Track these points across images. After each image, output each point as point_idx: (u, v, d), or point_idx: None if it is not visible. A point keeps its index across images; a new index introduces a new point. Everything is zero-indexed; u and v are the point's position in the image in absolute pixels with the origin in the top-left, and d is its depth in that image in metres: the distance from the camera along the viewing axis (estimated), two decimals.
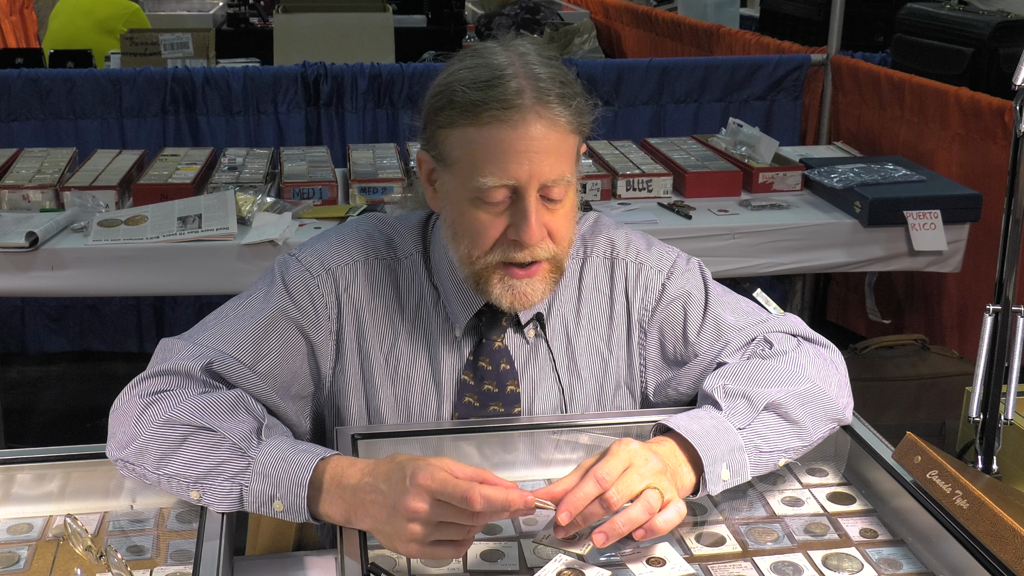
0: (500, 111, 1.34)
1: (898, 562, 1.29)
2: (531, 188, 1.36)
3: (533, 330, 1.55)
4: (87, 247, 2.74)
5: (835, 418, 1.45)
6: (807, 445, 1.42)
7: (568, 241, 1.45)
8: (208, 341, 1.43)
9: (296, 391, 1.49)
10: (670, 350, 1.58)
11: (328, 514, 1.27)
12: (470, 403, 1.52)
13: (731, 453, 1.34)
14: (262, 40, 5.83)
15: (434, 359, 1.52)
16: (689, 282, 1.58)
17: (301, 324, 1.48)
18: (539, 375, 1.55)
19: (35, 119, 3.79)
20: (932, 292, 3.63)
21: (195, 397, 1.34)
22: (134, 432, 1.32)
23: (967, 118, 3.39)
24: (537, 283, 1.43)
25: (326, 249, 1.53)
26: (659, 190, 3.23)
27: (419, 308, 1.53)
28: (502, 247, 1.40)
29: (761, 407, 1.38)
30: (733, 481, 1.34)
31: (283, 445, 1.30)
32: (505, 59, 1.38)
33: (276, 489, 1.26)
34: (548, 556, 1.27)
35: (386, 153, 3.42)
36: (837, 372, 1.50)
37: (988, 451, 1.50)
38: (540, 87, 1.36)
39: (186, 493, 1.30)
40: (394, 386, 1.52)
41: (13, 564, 1.27)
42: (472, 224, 1.40)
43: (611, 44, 6.33)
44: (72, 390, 3.99)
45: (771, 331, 1.52)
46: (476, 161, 1.36)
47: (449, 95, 1.38)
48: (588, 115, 1.43)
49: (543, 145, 1.36)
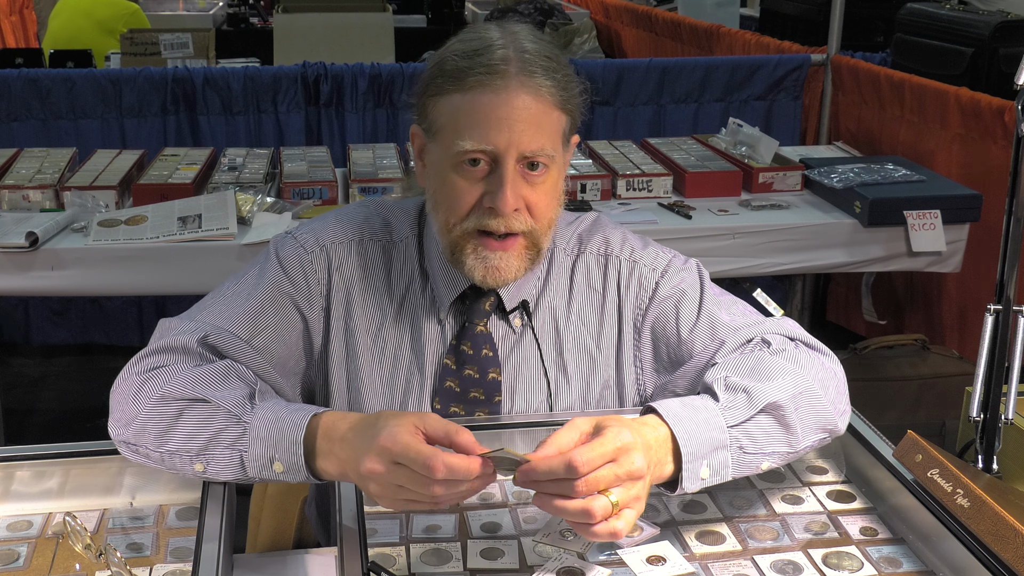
0: (484, 76, 1.37)
1: (898, 560, 1.29)
2: (509, 156, 1.38)
3: (520, 319, 1.55)
4: (87, 247, 2.74)
5: (826, 427, 1.40)
6: (793, 452, 1.37)
7: (548, 221, 1.45)
8: (205, 317, 1.45)
9: (291, 367, 1.51)
10: (663, 350, 1.56)
11: (324, 469, 1.26)
12: (451, 388, 1.52)
13: (714, 452, 1.30)
14: (262, 40, 5.84)
15: (419, 342, 1.53)
16: (684, 281, 1.56)
17: (295, 299, 1.50)
18: (523, 365, 1.54)
19: (35, 119, 3.79)
20: (932, 292, 3.63)
21: (188, 370, 1.34)
22: (133, 410, 1.32)
23: (967, 118, 3.39)
24: (511, 258, 1.43)
25: (322, 227, 1.55)
26: (659, 190, 3.23)
27: (408, 291, 1.54)
28: (477, 214, 1.41)
29: (760, 407, 1.33)
30: (712, 480, 1.31)
31: (277, 407, 1.31)
32: (496, 34, 1.42)
33: (274, 450, 1.26)
34: (548, 555, 1.27)
35: (386, 153, 3.42)
36: (835, 379, 1.44)
37: (988, 451, 1.50)
38: (526, 58, 1.39)
39: (190, 468, 1.30)
40: (380, 367, 1.53)
41: (13, 561, 1.27)
42: (451, 190, 1.42)
43: (611, 44, 6.33)
44: (73, 388, 3.99)
45: (769, 332, 1.49)
46: (459, 126, 1.38)
47: (441, 65, 1.42)
48: (576, 93, 1.44)
49: (525, 115, 1.37)
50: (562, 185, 1.48)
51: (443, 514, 1.36)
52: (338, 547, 1.24)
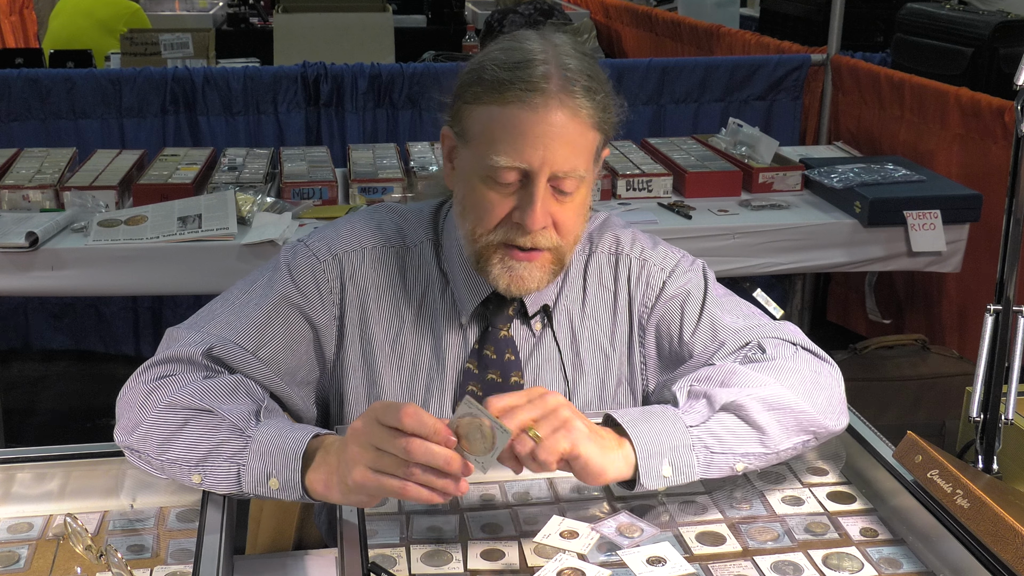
0: (524, 92, 1.36)
1: (898, 561, 1.29)
2: (542, 174, 1.37)
3: (540, 322, 1.55)
4: (87, 247, 2.74)
5: (811, 430, 1.39)
6: (772, 453, 1.37)
7: (575, 237, 1.45)
8: (212, 328, 1.45)
9: (302, 377, 1.51)
10: (666, 349, 1.57)
11: (312, 480, 1.25)
12: (473, 392, 1.52)
13: (675, 451, 1.30)
14: (262, 40, 5.84)
15: (439, 346, 1.53)
16: (690, 282, 1.57)
17: (304, 310, 1.49)
18: (543, 368, 1.55)
19: (35, 119, 3.79)
20: (932, 292, 3.63)
21: (197, 381, 1.35)
22: (139, 417, 1.33)
23: (967, 118, 3.39)
24: (535, 269, 1.43)
25: (334, 235, 1.55)
26: (659, 190, 3.23)
27: (426, 295, 1.54)
28: (505, 227, 1.41)
29: (718, 407, 1.34)
30: (678, 479, 1.31)
31: (280, 424, 1.31)
32: (539, 46, 1.40)
33: (272, 466, 1.27)
34: (548, 556, 1.27)
35: (386, 153, 3.42)
36: (828, 386, 1.44)
37: (988, 451, 1.50)
38: (567, 76, 1.37)
39: (188, 478, 1.31)
40: (399, 373, 1.53)
41: (13, 563, 1.27)
42: (480, 201, 1.41)
43: (611, 44, 6.33)
44: (72, 390, 3.99)
45: (767, 336, 1.49)
46: (494, 139, 1.37)
47: (479, 72, 1.40)
48: (613, 114, 1.44)
49: (561, 133, 1.36)
50: (590, 200, 1.47)
51: (443, 515, 1.36)
52: (338, 548, 1.24)
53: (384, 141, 3.91)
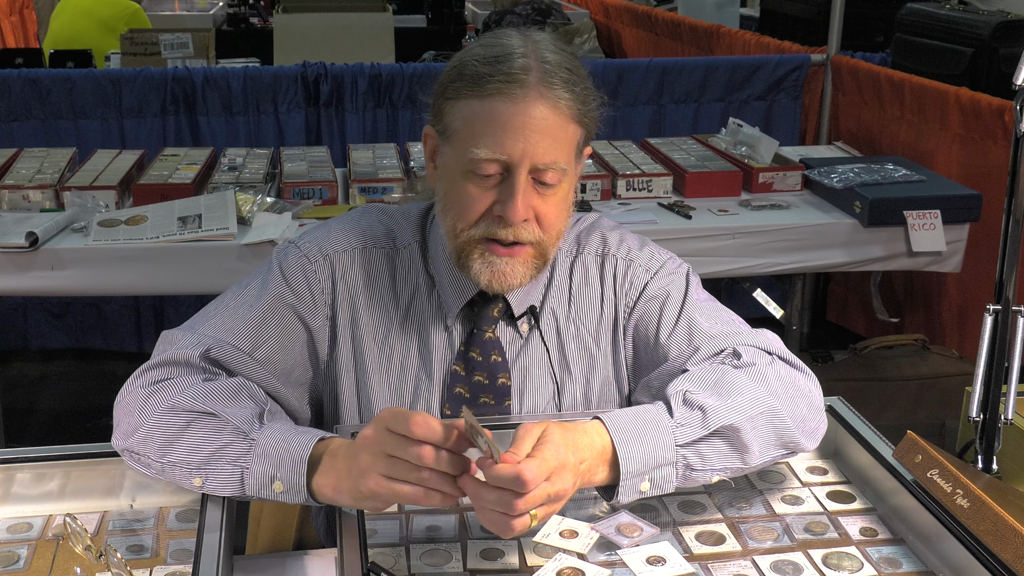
0: (504, 84, 1.36)
1: (898, 561, 1.29)
2: (522, 167, 1.37)
3: (527, 323, 1.55)
4: (87, 247, 2.74)
5: (787, 444, 1.39)
6: (748, 468, 1.37)
7: (557, 232, 1.45)
8: (207, 330, 1.45)
9: (297, 377, 1.51)
10: (642, 350, 1.56)
11: (320, 484, 1.26)
12: (460, 394, 1.52)
13: (657, 469, 1.30)
14: (262, 40, 5.84)
15: (426, 349, 1.53)
16: (672, 284, 1.56)
17: (298, 310, 1.49)
18: (530, 368, 1.55)
19: (35, 119, 3.79)
20: (932, 292, 3.64)
21: (198, 384, 1.35)
22: (138, 421, 1.33)
23: (967, 118, 3.39)
24: (517, 265, 1.43)
25: (325, 236, 1.55)
26: (659, 190, 3.23)
27: (414, 298, 1.54)
28: (486, 222, 1.41)
29: (713, 428, 1.33)
30: (652, 493, 1.31)
31: (285, 427, 1.31)
32: (518, 41, 1.41)
33: (276, 469, 1.27)
34: (548, 556, 1.27)
35: (386, 153, 3.42)
36: (807, 397, 1.43)
37: (988, 451, 1.50)
38: (546, 68, 1.38)
39: (189, 481, 1.30)
40: (388, 375, 1.53)
41: (13, 563, 1.27)
42: (461, 196, 1.41)
43: (611, 44, 6.33)
44: (72, 389, 3.99)
45: (744, 344, 1.47)
46: (474, 132, 1.38)
47: (460, 68, 1.41)
48: (593, 107, 1.44)
49: (541, 126, 1.37)
50: (572, 196, 1.47)
51: (443, 514, 1.36)
52: (338, 548, 1.24)
53: (384, 141, 3.91)
